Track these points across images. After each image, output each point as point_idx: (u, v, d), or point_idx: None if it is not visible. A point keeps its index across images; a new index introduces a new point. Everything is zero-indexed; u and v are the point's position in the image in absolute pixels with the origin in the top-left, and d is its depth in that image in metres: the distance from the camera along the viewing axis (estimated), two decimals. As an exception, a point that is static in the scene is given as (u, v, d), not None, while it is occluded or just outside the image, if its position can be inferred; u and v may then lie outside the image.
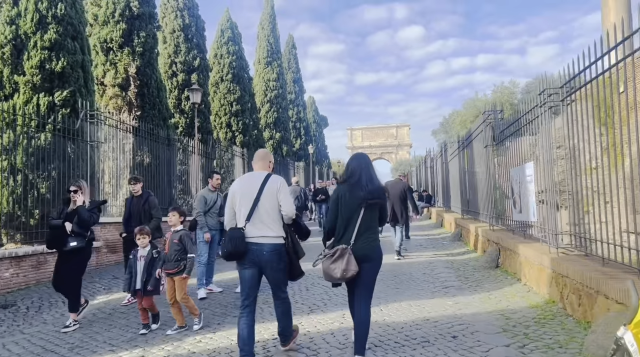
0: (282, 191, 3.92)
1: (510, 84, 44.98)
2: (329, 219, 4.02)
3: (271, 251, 3.82)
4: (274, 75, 32.51)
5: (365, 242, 3.81)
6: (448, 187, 15.77)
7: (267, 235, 3.83)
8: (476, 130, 10.16)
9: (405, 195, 9.53)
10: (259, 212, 3.84)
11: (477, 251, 9.44)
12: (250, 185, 3.92)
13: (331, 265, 3.74)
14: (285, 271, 3.94)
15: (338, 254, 3.73)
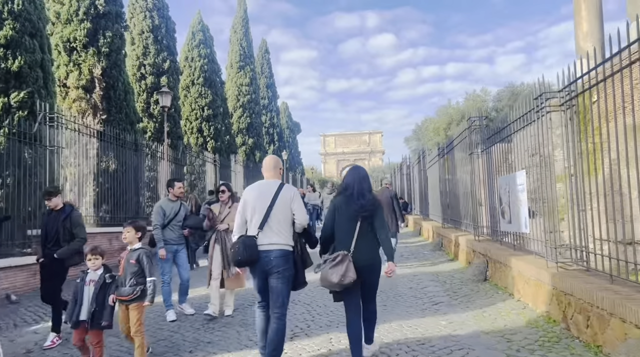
0: (295, 201, 3.99)
1: (482, 92, 45.39)
2: (325, 229, 4.09)
3: (278, 256, 3.84)
4: (246, 80, 31.91)
5: (364, 251, 3.88)
6: (426, 194, 15.51)
7: (276, 242, 3.87)
8: (458, 137, 9.87)
9: (392, 203, 9.38)
10: (271, 221, 3.89)
11: (461, 262, 9.11)
12: (263, 194, 3.96)
13: (330, 270, 3.75)
14: (290, 280, 3.91)
15: (339, 260, 3.77)
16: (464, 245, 8.93)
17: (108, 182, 13.00)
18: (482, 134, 8.28)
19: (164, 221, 5.96)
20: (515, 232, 6.80)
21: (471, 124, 8.60)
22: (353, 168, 4.29)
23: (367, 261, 3.90)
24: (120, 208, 13.01)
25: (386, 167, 67.84)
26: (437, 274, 8.19)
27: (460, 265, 8.92)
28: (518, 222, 6.54)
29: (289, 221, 3.96)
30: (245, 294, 6.91)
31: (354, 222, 3.92)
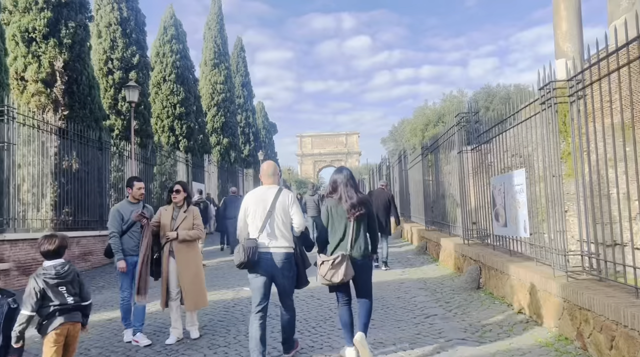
0: (293, 206, 4.17)
1: (459, 93, 45.63)
2: (320, 231, 4.33)
3: (284, 259, 4.04)
4: (221, 78, 31.00)
5: (359, 249, 4.17)
6: (407, 196, 15.01)
7: (280, 245, 4.06)
8: (445, 135, 9.35)
9: (389, 204, 9.43)
10: (272, 224, 4.07)
11: (448, 267, 8.58)
12: (263, 198, 4.14)
13: (331, 270, 4.00)
14: (294, 279, 4.19)
15: (339, 261, 4.00)
16: (452, 249, 8.40)
17: (70, 183, 12.10)
18: (472, 130, 7.76)
19: (122, 227, 5.15)
20: (511, 236, 6.27)
21: (460, 119, 8.07)
22: (338, 170, 4.50)
23: (362, 259, 4.21)
24: (83, 211, 12.11)
25: (363, 168, 67.56)
26: (424, 281, 7.63)
27: (449, 270, 8.38)
28: (515, 225, 6.01)
29: (288, 224, 4.16)
30: (210, 310, 6.21)
31: (346, 223, 4.17)
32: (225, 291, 7.22)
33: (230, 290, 7.30)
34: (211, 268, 10.03)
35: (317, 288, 6.76)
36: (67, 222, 11.85)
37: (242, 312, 5.93)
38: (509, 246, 6.42)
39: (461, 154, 8.15)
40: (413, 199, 14.01)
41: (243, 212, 4.18)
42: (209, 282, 7.99)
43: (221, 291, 7.23)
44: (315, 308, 6.15)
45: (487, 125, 7.12)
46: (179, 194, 5.13)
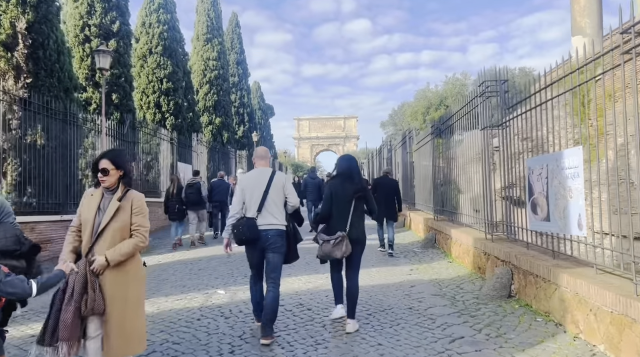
0: (287, 185, 4.53)
1: (462, 76, 44.09)
2: (325, 208, 4.74)
3: (275, 235, 4.35)
4: (214, 54, 29.34)
5: (357, 228, 4.66)
6: (411, 181, 13.64)
7: (274, 223, 4.37)
8: (463, 109, 7.94)
9: (395, 191, 9.35)
10: (268, 204, 4.38)
11: (465, 265, 7.25)
12: (258, 180, 4.46)
13: (333, 248, 4.50)
14: (283, 254, 4.45)
15: (339, 240, 4.50)
16: (470, 245, 7.05)
17: (34, 161, 10.67)
18: (502, 102, 6.36)
19: None
20: (556, 233, 4.92)
21: (485, 89, 6.66)
22: (344, 157, 5.02)
23: (358, 236, 4.65)
24: (48, 192, 10.69)
25: (361, 153, 66.08)
26: (439, 284, 6.29)
27: (466, 270, 7.05)
28: (564, 220, 4.66)
29: (281, 204, 4.47)
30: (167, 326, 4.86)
31: (349, 203, 4.61)
32: (193, 295, 5.85)
33: (200, 293, 5.93)
34: (187, 261, 8.66)
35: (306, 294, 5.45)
36: (31, 205, 10.47)
37: (208, 330, 4.55)
38: (551, 245, 5.07)
39: (486, 131, 6.75)
40: (419, 185, 12.64)
41: (239, 193, 4.47)
42: (178, 282, 6.64)
43: (189, 295, 5.86)
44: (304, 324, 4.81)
45: (522, 94, 5.71)
46: (107, 175, 3.19)
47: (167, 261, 8.67)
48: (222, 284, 6.44)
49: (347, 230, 4.52)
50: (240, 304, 5.33)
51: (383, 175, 10.03)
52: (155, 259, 9.05)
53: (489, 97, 6.69)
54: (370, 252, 9.01)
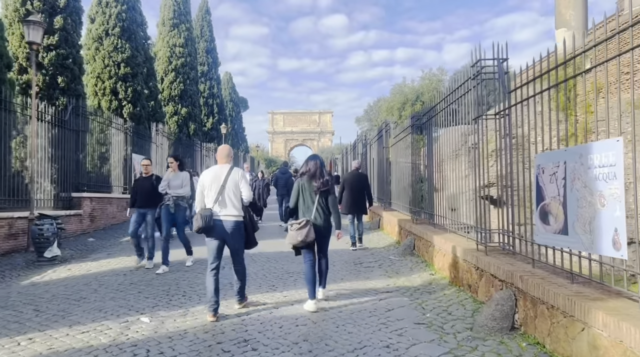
0: (242, 181, 5.04)
1: (439, 72, 43.46)
2: (292, 201, 5.41)
3: (233, 226, 4.90)
4: (180, 40, 27.68)
5: (321, 218, 5.26)
6: (388, 178, 12.50)
7: (231, 214, 4.90)
8: (450, 96, 6.79)
9: (364, 185, 9.64)
10: (224, 196, 4.91)
11: (453, 280, 6.12)
12: (217, 175, 4.98)
13: (297, 231, 5.05)
14: (243, 241, 5.07)
15: (303, 224, 5.07)
16: (459, 256, 5.92)
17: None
18: (501, 85, 5.21)
19: None
20: (577, 250, 3.80)
21: (479, 70, 5.50)
22: (312, 156, 5.64)
23: (323, 225, 5.27)
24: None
25: (335, 148, 64.92)
26: (422, 306, 5.12)
27: (452, 286, 5.91)
28: (592, 236, 3.53)
29: (238, 196, 5.00)
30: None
31: (314, 197, 5.28)
32: (107, 325, 4.44)
33: (117, 322, 4.54)
34: (122, 271, 7.29)
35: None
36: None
37: None
38: (566, 263, 3.95)
39: (480, 121, 5.61)
40: (395, 183, 11.51)
41: (200, 186, 5.00)
42: (97, 302, 5.28)
43: (101, 325, 4.45)
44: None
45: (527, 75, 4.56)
46: None
47: (98, 270, 7.29)
48: (150, 306, 5.13)
49: (312, 219, 5.15)
50: (164, 341, 4.03)
51: (353, 170, 10.13)
52: (86, 266, 7.64)
53: (483, 81, 5.55)
54: (341, 261, 7.82)
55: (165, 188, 7.46)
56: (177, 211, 7.57)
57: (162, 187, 7.45)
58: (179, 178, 7.63)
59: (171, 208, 7.48)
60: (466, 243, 6.10)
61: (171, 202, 7.47)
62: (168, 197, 7.48)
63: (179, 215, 7.66)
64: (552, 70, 4.13)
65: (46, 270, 7.44)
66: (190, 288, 5.95)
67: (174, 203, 7.50)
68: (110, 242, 10.69)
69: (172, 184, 7.52)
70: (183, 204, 7.68)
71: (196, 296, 5.54)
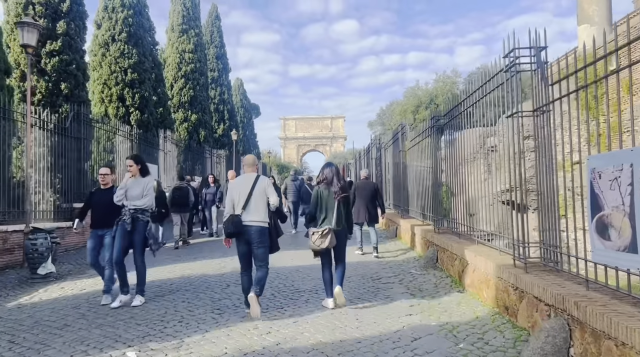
0: (269, 188, 5.32)
1: (453, 74, 42.63)
2: (311, 208, 5.66)
3: (259, 231, 5.18)
4: (190, 46, 27.30)
5: (339, 224, 5.47)
6: (404, 184, 11.79)
7: (256, 220, 5.19)
8: (477, 92, 6.09)
9: (375, 194, 9.46)
10: (251, 203, 5.19)
11: (485, 300, 5.41)
12: (245, 183, 5.28)
13: (319, 239, 5.33)
14: (267, 247, 5.30)
15: (326, 232, 5.33)
16: (492, 273, 5.20)
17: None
18: (541, 76, 4.51)
19: None
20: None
21: (514, 60, 4.81)
22: (328, 164, 5.85)
23: (340, 231, 5.49)
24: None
25: (348, 153, 64.16)
26: (453, 333, 4.42)
27: (485, 307, 5.20)
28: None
29: (264, 204, 5.28)
30: None
31: (332, 203, 5.50)
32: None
33: None
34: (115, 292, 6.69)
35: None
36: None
37: None
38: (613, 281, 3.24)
39: (514, 118, 4.90)
40: (413, 189, 10.80)
41: (230, 194, 5.35)
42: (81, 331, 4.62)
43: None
44: None
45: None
46: None
47: (92, 289, 6.69)
48: (141, 336, 4.49)
49: (333, 225, 5.39)
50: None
51: (362, 178, 10.03)
52: (81, 284, 7.06)
53: (519, 72, 4.85)
54: (357, 275, 7.14)
55: (121, 198, 5.79)
56: (136, 228, 5.76)
57: (118, 196, 5.78)
58: (140, 185, 5.85)
59: (127, 224, 5.69)
60: (499, 257, 5.39)
61: (127, 216, 5.71)
62: (124, 211, 5.77)
63: (137, 233, 5.80)
64: (611, 54, 3.43)
65: (38, 289, 6.88)
66: (188, 312, 5.31)
67: (131, 217, 5.72)
68: (113, 255, 10.13)
69: (130, 194, 5.80)
70: (143, 218, 5.83)
71: (194, 322, 4.89)
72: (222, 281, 6.95)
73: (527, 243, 4.82)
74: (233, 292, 6.20)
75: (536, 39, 4.66)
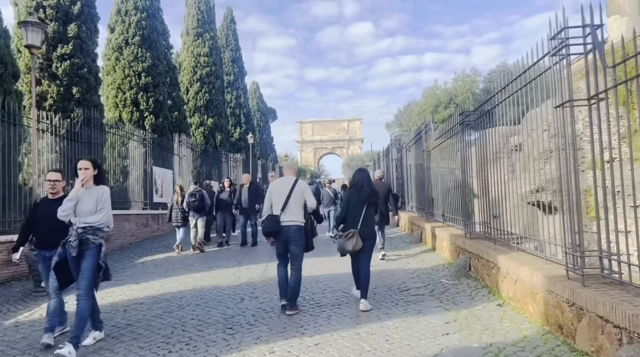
0: (306, 191, 5.66)
1: (472, 72, 41.67)
2: (342, 212, 5.95)
3: (296, 231, 5.50)
4: (205, 49, 27.04)
5: (366, 227, 5.72)
6: (429, 186, 11.13)
7: (294, 220, 5.50)
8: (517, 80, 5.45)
9: (388, 196, 9.39)
10: (289, 205, 5.50)
11: (531, 316, 4.76)
12: (284, 186, 5.62)
13: (346, 242, 5.59)
14: (303, 246, 5.61)
15: (350, 235, 5.59)
16: (540, 286, 4.56)
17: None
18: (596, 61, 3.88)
19: None
20: None
21: (564, 42, 4.17)
22: (360, 170, 6.20)
23: (368, 234, 5.74)
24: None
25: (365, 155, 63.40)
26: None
27: (531, 324, 4.55)
28: None
29: (301, 205, 5.60)
30: None
31: (361, 207, 5.72)
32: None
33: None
34: (119, 308, 6.20)
35: None
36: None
37: None
38: None
39: (564, 108, 4.27)
40: (439, 191, 10.15)
41: (268, 195, 5.66)
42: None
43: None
44: None
45: None
46: None
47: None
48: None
49: (358, 228, 5.60)
50: None
51: (376, 180, 10.02)
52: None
53: (569, 55, 4.22)
54: (384, 287, 6.55)
55: (69, 213, 4.35)
56: (85, 252, 4.33)
57: (65, 210, 4.34)
58: (93, 197, 4.44)
59: (72, 249, 4.29)
60: (547, 267, 4.75)
61: (74, 237, 4.30)
62: (71, 230, 4.38)
63: (86, 260, 4.33)
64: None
65: (40, 303, 6.44)
66: (198, 332, 4.77)
67: (78, 239, 4.29)
68: (124, 264, 9.71)
69: (80, 208, 4.40)
70: (95, 240, 4.38)
71: (203, 345, 4.35)
72: (236, 293, 6.42)
73: (583, 251, 4.17)
74: (247, 307, 5.66)
75: (591, 17, 4.03)
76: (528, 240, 5.63)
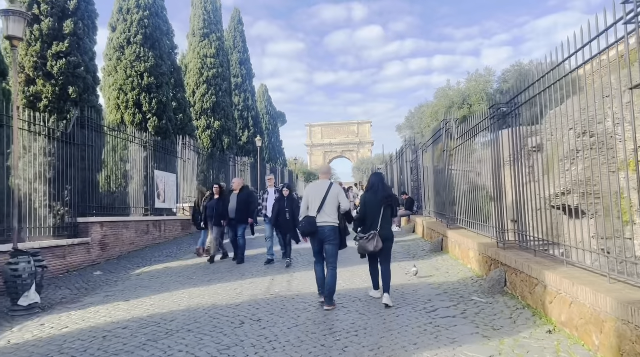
0: (340, 194, 6.07)
1: (486, 72, 40.46)
2: (361, 213, 6.14)
3: (331, 230, 5.90)
4: (211, 51, 26.35)
5: (385, 228, 5.94)
6: (450, 189, 10.20)
7: (329, 221, 5.91)
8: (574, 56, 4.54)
9: None
10: (325, 207, 5.91)
11: (597, 350, 3.84)
12: (320, 189, 6.04)
13: (367, 244, 5.82)
14: (337, 245, 5.99)
15: (371, 237, 5.81)
16: (610, 312, 3.65)
17: None
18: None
19: None
20: None
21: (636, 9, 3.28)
22: (376, 174, 6.71)
23: (387, 235, 5.94)
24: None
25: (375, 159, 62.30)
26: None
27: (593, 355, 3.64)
28: None
29: (335, 207, 5.98)
30: None
31: (379, 210, 5.93)
32: None
33: None
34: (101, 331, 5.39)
35: None
36: None
37: None
38: None
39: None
40: (464, 195, 9.22)
41: (305, 198, 6.05)
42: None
43: None
44: None
45: None
46: None
47: (76, 328, 5.40)
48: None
49: (378, 230, 5.86)
50: None
51: None
52: (66, 320, 5.78)
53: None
54: (407, 306, 5.65)
55: None
56: None
57: None
58: None
59: None
60: (612, 287, 3.85)
61: None
62: None
63: None
64: None
65: (14, 325, 5.64)
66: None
67: None
68: (120, 275, 8.91)
69: None
70: None
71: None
72: (235, 315, 5.54)
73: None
74: (247, 334, 4.77)
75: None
76: (584, 253, 4.70)
